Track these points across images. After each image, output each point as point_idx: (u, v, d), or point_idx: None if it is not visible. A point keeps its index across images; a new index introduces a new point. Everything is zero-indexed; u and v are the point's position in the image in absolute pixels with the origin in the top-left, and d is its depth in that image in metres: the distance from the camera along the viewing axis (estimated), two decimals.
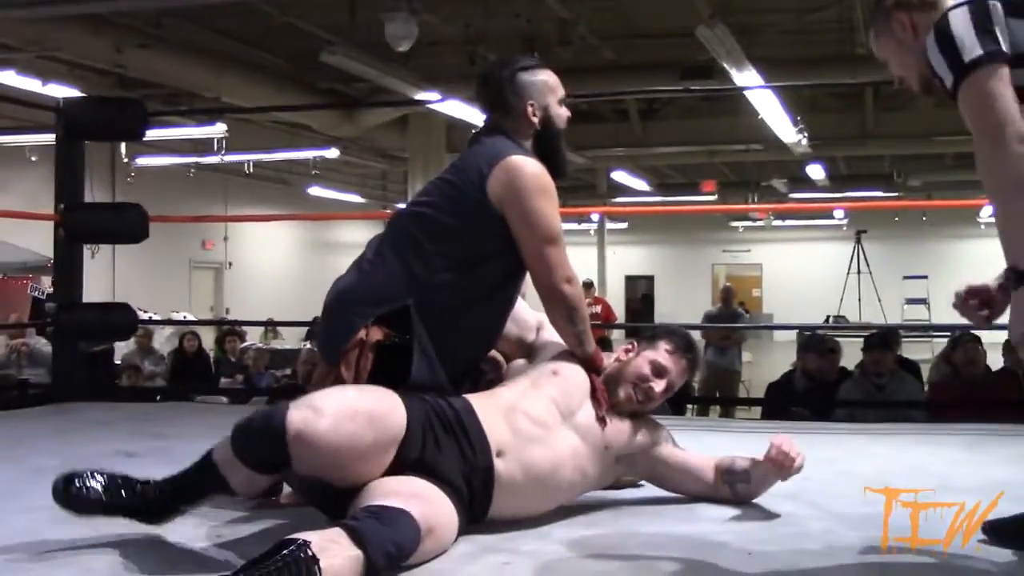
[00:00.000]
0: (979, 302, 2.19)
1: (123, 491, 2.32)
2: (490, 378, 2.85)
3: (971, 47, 1.91)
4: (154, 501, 2.33)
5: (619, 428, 2.66)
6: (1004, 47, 1.93)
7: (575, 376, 2.68)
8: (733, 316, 11.17)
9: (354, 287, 2.78)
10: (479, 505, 2.40)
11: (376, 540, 2.00)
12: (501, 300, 2.82)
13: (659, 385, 2.69)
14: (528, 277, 2.85)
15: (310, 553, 1.88)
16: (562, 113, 2.95)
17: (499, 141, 2.83)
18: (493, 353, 2.90)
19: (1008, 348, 6.90)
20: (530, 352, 2.86)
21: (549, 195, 2.74)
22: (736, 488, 2.71)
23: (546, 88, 2.92)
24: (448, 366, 2.64)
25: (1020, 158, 1.87)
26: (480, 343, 2.83)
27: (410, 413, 2.35)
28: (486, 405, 2.51)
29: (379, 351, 2.61)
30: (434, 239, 2.73)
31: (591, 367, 2.74)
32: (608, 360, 2.80)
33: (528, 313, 2.94)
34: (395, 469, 2.29)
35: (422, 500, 2.19)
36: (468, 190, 2.74)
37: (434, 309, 2.66)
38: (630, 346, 2.82)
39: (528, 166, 2.74)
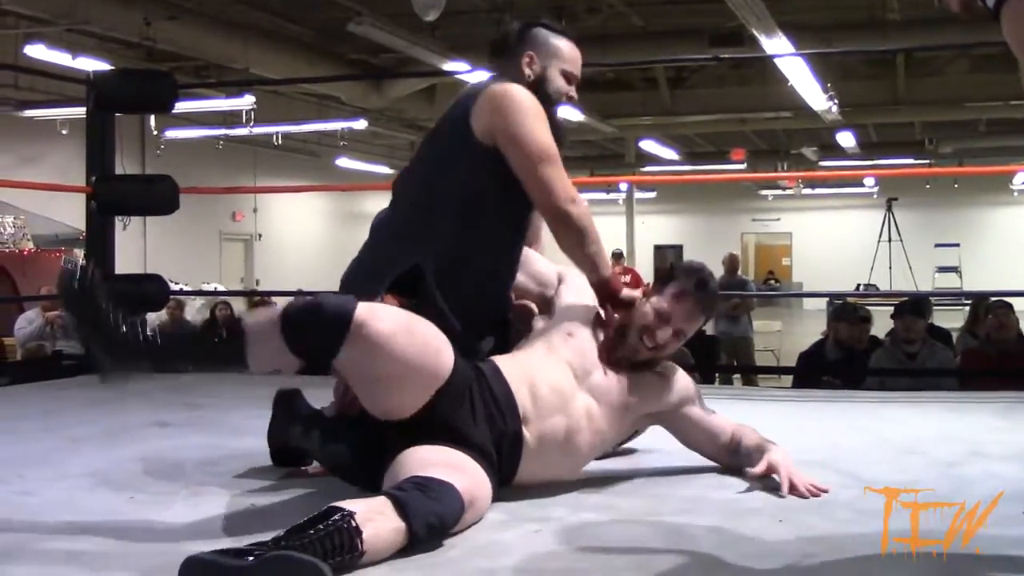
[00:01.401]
0: None
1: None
2: (519, 329, 2.78)
3: None
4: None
5: (640, 388, 2.59)
6: None
7: (589, 335, 2.63)
8: (740, 285, 11.16)
9: (363, 260, 2.77)
10: (507, 470, 2.41)
11: (421, 512, 2.00)
12: (509, 243, 2.74)
13: (664, 332, 2.58)
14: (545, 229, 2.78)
15: (354, 524, 1.88)
16: (560, 84, 2.80)
17: (489, 79, 2.75)
18: (524, 302, 2.83)
19: None
20: (550, 308, 2.79)
21: (538, 115, 2.61)
22: (738, 464, 2.64)
23: (553, 51, 2.80)
24: (465, 322, 2.57)
25: None
26: (494, 293, 2.75)
27: (457, 367, 2.33)
28: (511, 370, 2.49)
29: None
30: (427, 193, 2.68)
31: (607, 291, 2.65)
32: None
33: (547, 266, 2.86)
34: (428, 420, 2.27)
35: (464, 473, 2.18)
36: (453, 130, 2.66)
37: (440, 266, 2.60)
38: (644, 288, 2.72)
39: (512, 89, 2.62)
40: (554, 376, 2.51)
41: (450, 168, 2.66)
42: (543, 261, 2.89)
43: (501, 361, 2.52)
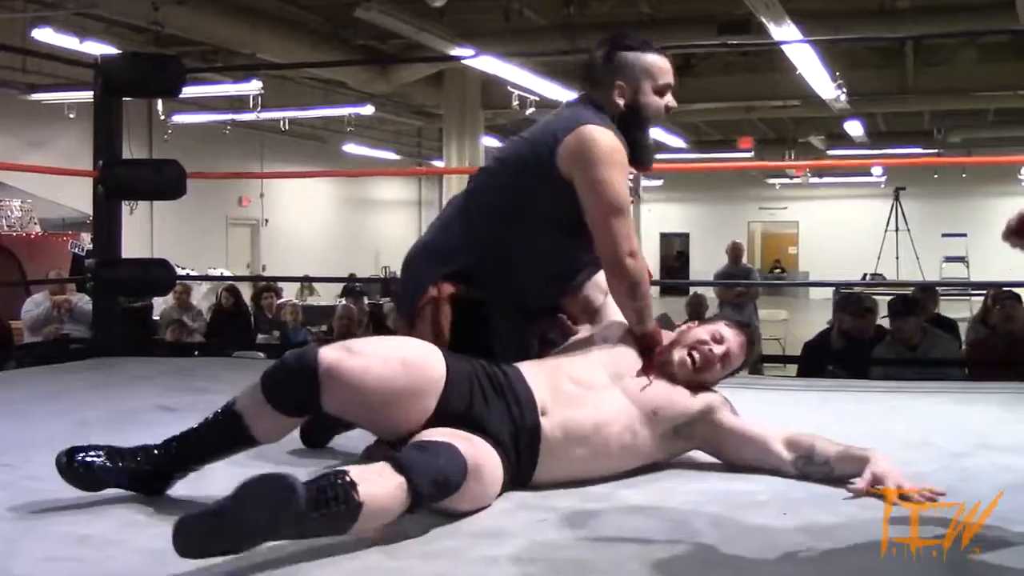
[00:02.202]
0: None
1: (122, 461, 2.30)
2: (554, 340, 2.85)
3: None
4: (159, 464, 2.31)
5: (670, 394, 2.56)
6: None
7: (628, 348, 2.65)
8: (744, 273, 11.16)
9: (427, 244, 2.90)
10: (526, 466, 2.38)
11: (420, 467, 2.02)
12: (561, 265, 2.84)
13: (718, 349, 2.62)
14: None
15: (348, 479, 1.90)
16: (656, 102, 2.84)
17: (581, 111, 2.79)
18: (563, 318, 2.88)
19: None
20: (594, 317, 2.85)
21: (618, 166, 2.69)
22: (813, 474, 2.51)
23: (642, 71, 2.82)
24: (511, 324, 2.73)
25: None
26: (540, 303, 2.86)
27: (452, 366, 2.35)
28: (532, 367, 2.53)
29: (457, 306, 2.71)
30: (499, 198, 2.79)
31: (648, 344, 2.68)
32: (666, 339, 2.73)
33: (599, 276, 2.88)
34: (440, 422, 2.28)
35: (469, 442, 2.19)
36: (540, 152, 2.73)
37: (492, 268, 2.74)
38: (691, 324, 2.77)
39: (601, 135, 2.69)
40: (581, 372, 2.53)
41: (527, 183, 2.75)
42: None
43: (523, 363, 2.55)
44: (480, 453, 2.19)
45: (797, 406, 3.71)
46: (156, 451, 2.32)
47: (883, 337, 6.04)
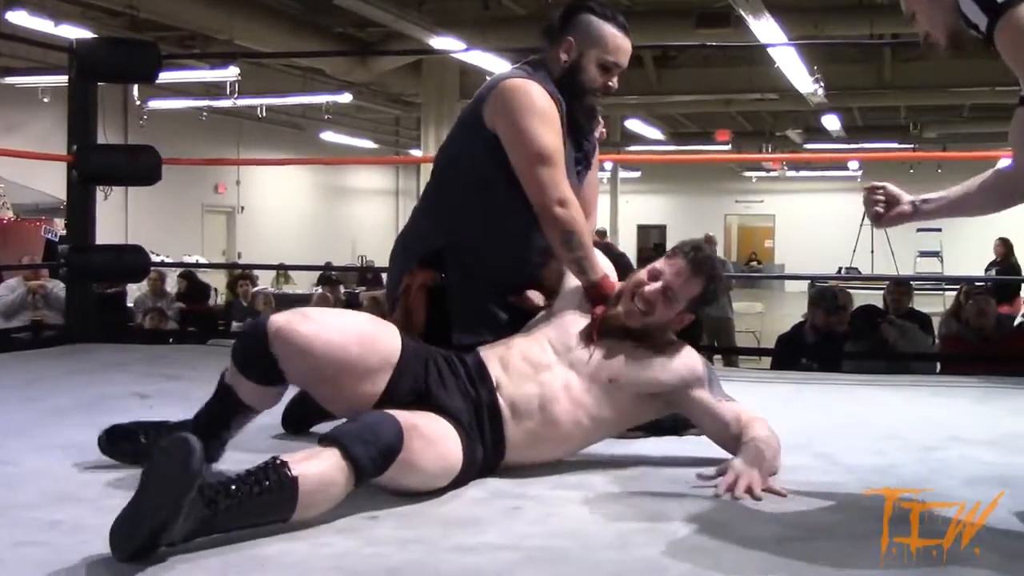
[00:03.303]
0: (884, 201, 2.35)
1: (159, 435, 2.37)
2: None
3: None
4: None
5: (632, 362, 2.49)
6: None
7: (576, 315, 2.59)
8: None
9: (404, 233, 2.90)
10: (496, 445, 2.38)
11: (349, 433, 2.03)
12: (523, 226, 2.74)
13: (654, 285, 2.50)
14: None
15: (278, 460, 1.94)
16: (592, 74, 2.76)
17: (513, 70, 2.79)
18: (530, 294, 2.82)
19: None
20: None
21: (540, 115, 2.64)
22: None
23: (594, 40, 2.76)
24: (490, 299, 2.71)
25: None
26: (516, 270, 2.80)
27: (407, 345, 2.37)
28: (489, 348, 2.52)
29: (431, 294, 2.71)
30: (447, 172, 2.82)
31: (598, 295, 2.60)
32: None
33: None
34: (393, 401, 2.27)
35: (406, 411, 2.19)
36: (470, 116, 2.75)
37: (461, 244, 2.73)
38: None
39: (521, 86, 2.67)
40: (528, 349, 2.50)
41: (464, 152, 2.76)
42: None
43: (483, 347, 2.54)
44: (417, 417, 2.17)
45: (771, 399, 3.73)
46: (183, 425, 2.39)
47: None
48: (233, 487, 1.87)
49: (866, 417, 3.40)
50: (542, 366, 2.46)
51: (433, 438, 2.20)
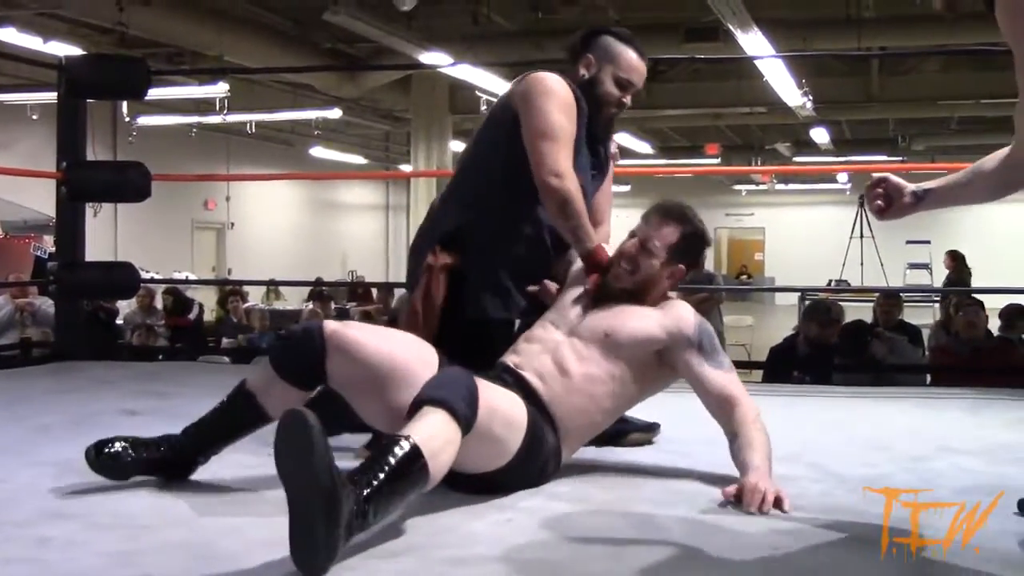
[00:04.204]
0: (885, 194, 2.32)
1: (145, 450, 2.41)
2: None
3: None
4: (181, 451, 2.42)
5: (620, 314, 2.58)
6: None
7: (575, 292, 2.70)
8: (707, 279, 11.21)
9: (425, 224, 3.01)
10: (541, 410, 2.44)
11: (438, 389, 2.08)
12: (537, 212, 2.86)
13: (629, 243, 2.65)
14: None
15: (394, 436, 1.98)
16: (609, 88, 2.93)
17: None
18: (546, 284, 2.86)
19: (1005, 316, 6.88)
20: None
21: (556, 98, 2.79)
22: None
23: (612, 58, 2.94)
24: (506, 279, 2.81)
25: None
26: (531, 255, 2.88)
27: (442, 357, 2.40)
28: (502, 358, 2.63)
29: (452, 276, 2.80)
30: (469, 161, 2.97)
31: (593, 263, 2.72)
32: None
33: None
34: None
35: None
36: (498, 108, 2.92)
37: (478, 226, 2.84)
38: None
39: (545, 76, 2.83)
40: (532, 333, 2.63)
41: (491, 135, 2.92)
42: None
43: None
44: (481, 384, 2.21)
45: (763, 411, 3.72)
46: (176, 439, 2.43)
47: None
48: (372, 478, 1.88)
49: (857, 429, 3.41)
50: (547, 340, 2.57)
51: (495, 397, 2.24)
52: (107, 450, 2.39)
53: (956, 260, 13.80)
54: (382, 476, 1.89)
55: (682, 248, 2.66)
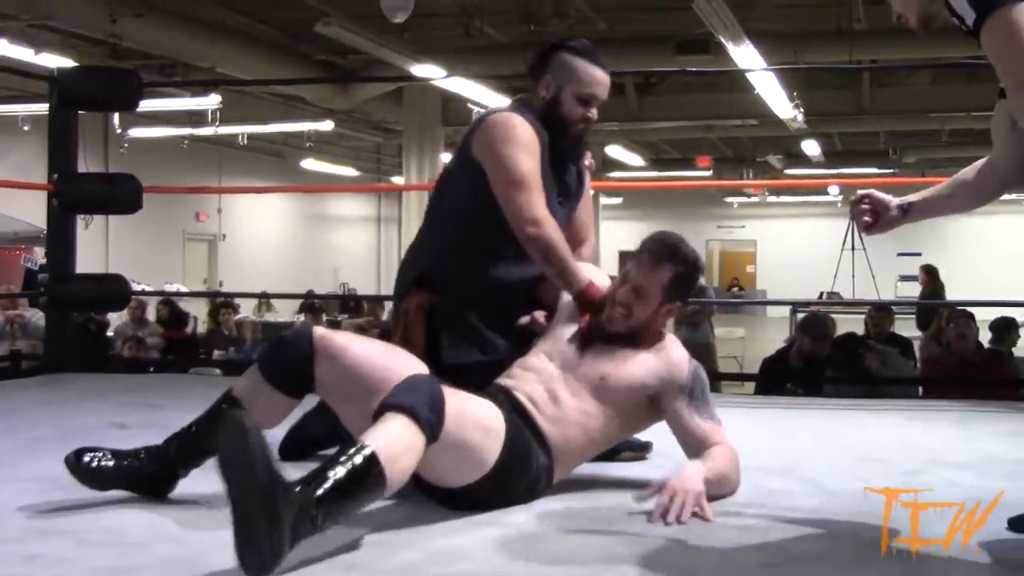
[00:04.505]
0: (872, 209, 2.35)
1: (126, 460, 2.39)
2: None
3: None
4: (162, 463, 2.40)
5: (618, 359, 2.56)
6: None
7: (569, 326, 2.68)
8: (699, 291, 11.20)
9: (404, 258, 3.04)
10: (534, 433, 2.44)
11: (401, 396, 2.07)
12: (506, 252, 2.82)
13: (624, 289, 2.59)
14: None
15: (357, 443, 1.96)
16: (571, 107, 2.88)
17: (503, 106, 2.94)
18: (535, 316, 2.84)
19: (996, 328, 6.90)
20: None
21: (517, 143, 2.77)
22: None
23: (570, 75, 2.88)
24: (478, 320, 2.79)
25: None
26: (501, 294, 2.85)
27: (430, 371, 2.38)
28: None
29: (429, 316, 2.80)
30: (441, 199, 2.96)
31: (585, 302, 2.68)
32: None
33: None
34: None
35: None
36: (461, 150, 2.89)
37: (448, 268, 2.84)
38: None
39: (504, 119, 2.82)
40: (526, 361, 2.61)
41: (455, 180, 2.92)
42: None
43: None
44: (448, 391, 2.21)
45: (756, 424, 3.73)
46: (157, 450, 2.42)
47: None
48: (323, 481, 1.88)
49: (849, 441, 3.40)
50: (542, 372, 2.56)
51: (467, 404, 2.25)
52: (87, 457, 2.37)
53: (930, 274, 14.06)
54: (335, 480, 1.89)
55: (676, 286, 2.62)
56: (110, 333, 10.13)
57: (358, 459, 1.93)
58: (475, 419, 2.24)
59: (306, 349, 2.30)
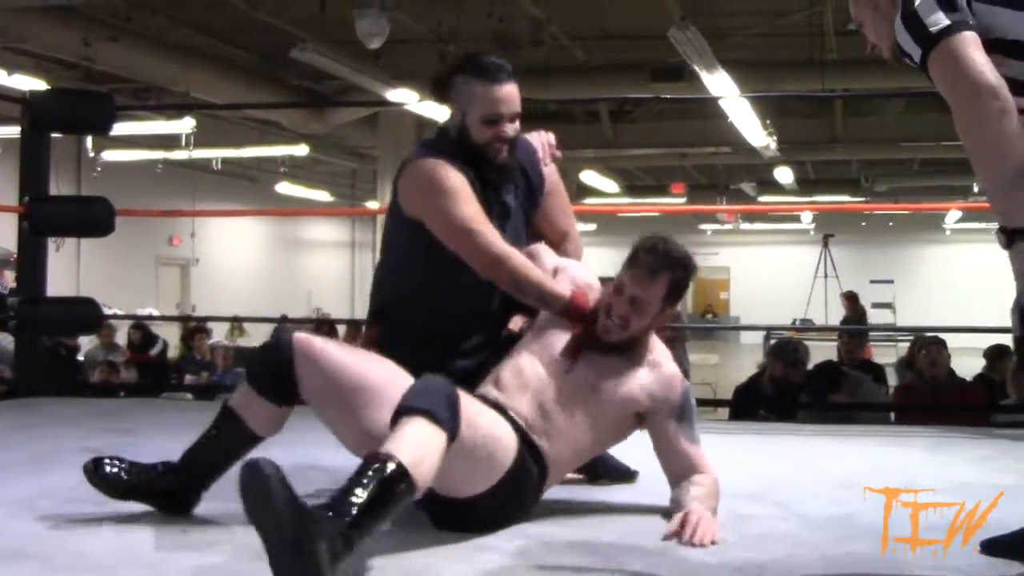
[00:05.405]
0: None
1: (143, 474, 2.43)
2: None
3: (936, 20, 1.91)
4: (180, 482, 2.43)
5: (611, 374, 2.53)
6: (970, 21, 1.92)
7: (559, 331, 2.62)
8: (672, 317, 11.25)
9: (371, 289, 2.97)
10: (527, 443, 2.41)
11: (416, 398, 2.06)
12: (463, 282, 2.74)
13: (620, 302, 2.53)
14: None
15: (376, 453, 1.95)
16: (479, 132, 2.74)
17: (417, 148, 2.87)
18: (511, 328, 2.82)
19: (990, 355, 6.89)
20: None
21: (449, 191, 2.67)
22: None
23: (470, 99, 2.74)
24: (427, 356, 2.59)
25: (998, 116, 1.85)
26: (463, 325, 2.78)
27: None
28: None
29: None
30: (386, 243, 2.92)
31: (574, 314, 2.61)
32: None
33: (547, 259, 2.84)
34: None
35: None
36: (393, 201, 2.84)
37: (396, 305, 2.82)
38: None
39: (416, 170, 2.74)
40: (516, 364, 2.56)
41: (393, 221, 2.87)
42: (546, 253, 2.87)
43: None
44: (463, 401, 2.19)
45: (731, 450, 3.73)
46: (172, 467, 2.44)
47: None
48: (353, 504, 1.86)
49: (823, 467, 3.41)
50: (530, 378, 2.51)
51: (477, 412, 2.24)
52: (106, 466, 2.41)
53: (851, 300, 15.25)
54: (367, 498, 1.87)
55: (673, 292, 2.60)
56: (81, 358, 10.05)
57: (386, 472, 1.91)
58: (485, 428, 2.24)
59: (285, 353, 2.33)
